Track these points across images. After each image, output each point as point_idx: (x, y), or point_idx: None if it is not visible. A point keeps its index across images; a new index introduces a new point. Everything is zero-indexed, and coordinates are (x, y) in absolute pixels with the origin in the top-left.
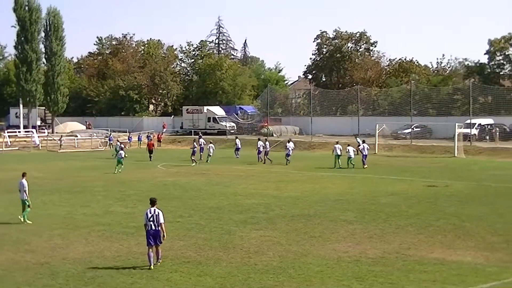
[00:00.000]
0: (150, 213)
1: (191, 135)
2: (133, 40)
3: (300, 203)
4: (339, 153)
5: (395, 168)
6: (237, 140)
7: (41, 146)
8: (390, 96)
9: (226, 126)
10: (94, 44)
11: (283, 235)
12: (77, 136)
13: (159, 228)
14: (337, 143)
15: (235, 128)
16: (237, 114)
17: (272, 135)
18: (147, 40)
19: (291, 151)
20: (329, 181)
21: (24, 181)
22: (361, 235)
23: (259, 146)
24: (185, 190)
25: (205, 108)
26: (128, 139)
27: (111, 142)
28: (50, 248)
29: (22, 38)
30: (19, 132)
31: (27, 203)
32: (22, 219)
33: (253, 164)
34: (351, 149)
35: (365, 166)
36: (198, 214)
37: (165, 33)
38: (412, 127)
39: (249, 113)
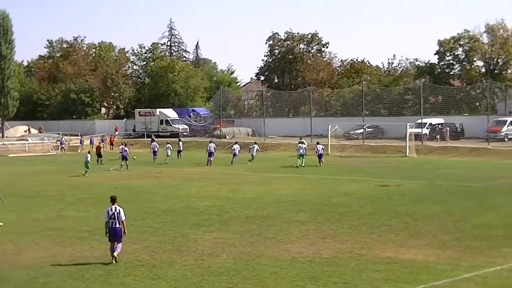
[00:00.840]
0: (112, 211)
1: (144, 138)
2: (84, 43)
3: (254, 205)
4: (302, 152)
5: (347, 168)
6: (180, 143)
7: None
8: (342, 96)
9: (179, 128)
10: (45, 47)
11: (237, 237)
12: (28, 140)
13: (120, 225)
14: (301, 143)
15: (188, 130)
16: (189, 116)
17: (225, 137)
18: (99, 42)
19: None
20: (283, 182)
21: None
22: (315, 235)
23: (234, 148)
24: (138, 193)
25: (158, 110)
26: (80, 143)
27: (63, 146)
28: (0, 254)
29: None
30: None
31: None
32: None
33: (205, 166)
34: (302, 146)
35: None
36: (151, 217)
37: (117, 36)
38: (364, 127)
39: (202, 115)
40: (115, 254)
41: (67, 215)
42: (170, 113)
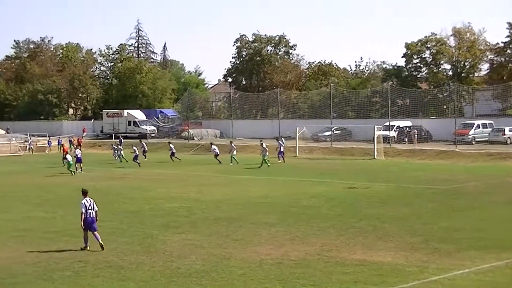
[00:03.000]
0: (88, 202)
1: (112, 139)
2: (51, 44)
3: (222, 206)
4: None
5: (316, 170)
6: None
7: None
8: (310, 99)
9: (147, 129)
10: (12, 47)
11: (205, 239)
12: None
13: (94, 214)
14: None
15: (156, 131)
16: (157, 118)
17: (193, 139)
18: (66, 43)
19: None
20: (251, 184)
21: None
22: (283, 237)
23: (214, 149)
24: (105, 194)
25: (126, 111)
26: (48, 144)
27: (31, 146)
28: None
29: None
30: None
31: None
32: None
33: (172, 167)
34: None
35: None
36: (118, 218)
37: (84, 37)
38: (332, 129)
39: (170, 117)
40: (100, 241)
41: (34, 216)
42: (138, 114)
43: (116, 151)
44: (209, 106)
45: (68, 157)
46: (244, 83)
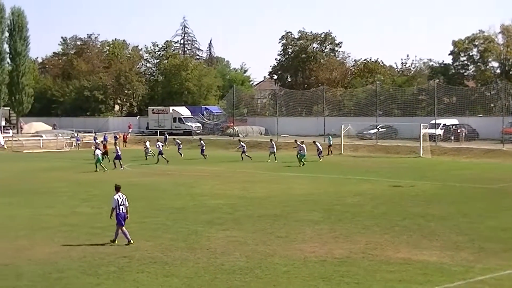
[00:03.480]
0: (120, 198)
1: (157, 135)
2: (98, 41)
3: (266, 204)
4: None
5: (360, 168)
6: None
7: (6, 147)
8: (356, 96)
9: (192, 126)
10: (59, 44)
11: (250, 236)
12: (42, 137)
13: (125, 210)
14: (302, 143)
15: (201, 128)
16: (202, 115)
17: (238, 136)
18: (112, 40)
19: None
20: (295, 181)
21: None
22: (327, 235)
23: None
24: (151, 190)
25: (171, 108)
26: (94, 140)
27: (79, 142)
28: (15, 249)
29: None
30: None
31: None
32: None
33: (217, 164)
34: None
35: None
36: (164, 214)
37: (130, 33)
38: (378, 127)
39: (215, 114)
40: (129, 237)
41: (80, 211)
42: (183, 111)
43: (148, 148)
44: (254, 103)
45: (98, 152)
46: (289, 80)
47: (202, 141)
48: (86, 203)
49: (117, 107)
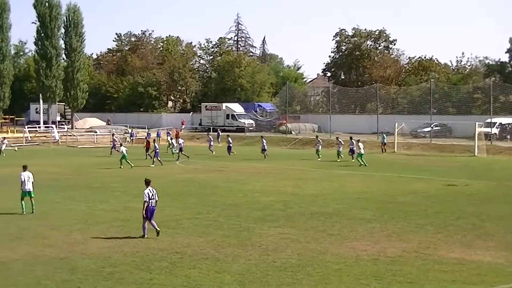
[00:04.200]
0: (151, 192)
1: (210, 131)
2: (152, 37)
3: (319, 201)
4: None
5: (414, 166)
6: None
7: (61, 142)
8: (410, 94)
9: (244, 123)
10: (113, 40)
11: (302, 233)
12: (96, 132)
13: (155, 204)
14: (358, 141)
15: (254, 125)
16: (255, 111)
17: (291, 133)
18: (166, 37)
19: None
20: (348, 179)
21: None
22: (380, 233)
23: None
24: (203, 187)
25: (224, 105)
26: (147, 136)
27: (133, 138)
28: (69, 243)
29: (42, 34)
30: (39, 127)
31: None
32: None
33: (269, 161)
34: (361, 145)
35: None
36: (216, 211)
37: (184, 30)
38: (432, 125)
39: (268, 111)
40: (157, 227)
41: (132, 206)
42: (236, 107)
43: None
44: (307, 100)
45: (123, 148)
46: (343, 77)
47: (264, 139)
48: (138, 198)
49: (170, 103)
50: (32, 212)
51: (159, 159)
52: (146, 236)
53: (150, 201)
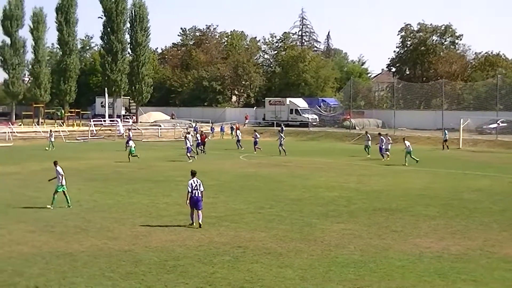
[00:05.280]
0: (194, 183)
1: (273, 126)
2: (216, 32)
3: (382, 197)
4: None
5: (479, 163)
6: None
7: (125, 135)
8: (475, 90)
9: (308, 118)
10: (178, 35)
11: (364, 229)
12: (160, 126)
13: (200, 194)
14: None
15: (318, 120)
16: (319, 107)
17: (355, 128)
18: (231, 31)
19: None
20: (411, 175)
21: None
22: (444, 230)
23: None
24: (266, 181)
25: (288, 100)
26: (211, 130)
27: (197, 132)
28: (133, 235)
29: (108, 29)
30: (104, 121)
31: (60, 190)
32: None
33: (332, 156)
34: (407, 143)
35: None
36: (279, 205)
37: (248, 25)
38: (498, 122)
39: (332, 106)
40: (200, 221)
41: None
42: (300, 102)
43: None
44: (371, 95)
45: (131, 143)
46: (407, 73)
47: (282, 134)
48: None
49: (234, 98)
50: (68, 206)
51: (188, 154)
52: (193, 224)
53: (194, 191)
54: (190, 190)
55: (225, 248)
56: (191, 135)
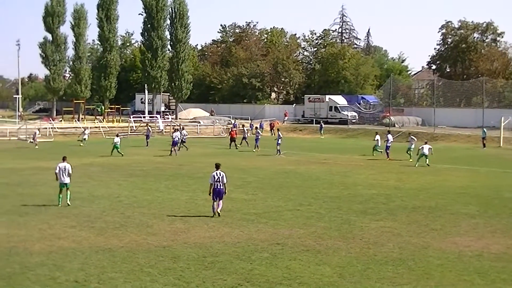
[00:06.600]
0: (217, 175)
1: (313, 123)
2: (256, 28)
3: (421, 195)
4: (426, 152)
5: None
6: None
7: (165, 132)
8: None
9: (347, 115)
10: (218, 32)
11: (403, 227)
12: (199, 123)
13: (223, 187)
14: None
15: (357, 117)
16: (359, 104)
17: (394, 126)
18: (270, 28)
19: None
20: (451, 173)
21: (67, 164)
22: (484, 229)
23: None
24: (305, 178)
25: (327, 97)
26: (250, 127)
27: (235, 129)
28: (172, 231)
29: (149, 26)
30: (144, 117)
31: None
32: (68, 203)
33: (370, 154)
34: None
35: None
36: (317, 203)
37: (288, 22)
38: None
39: (371, 103)
40: (218, 210)
41: (234, 197)
42: (340, 100)
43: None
44: (411, 93)
45: (117, 139)
46: (448, 70)
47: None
48: (240, 189)
49: (273, 95)
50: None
51: (174, 148)
52: (215, 215)
53: (216, 183)
54: (211, 182)
55: (263, 245)
56: (181, 133)
